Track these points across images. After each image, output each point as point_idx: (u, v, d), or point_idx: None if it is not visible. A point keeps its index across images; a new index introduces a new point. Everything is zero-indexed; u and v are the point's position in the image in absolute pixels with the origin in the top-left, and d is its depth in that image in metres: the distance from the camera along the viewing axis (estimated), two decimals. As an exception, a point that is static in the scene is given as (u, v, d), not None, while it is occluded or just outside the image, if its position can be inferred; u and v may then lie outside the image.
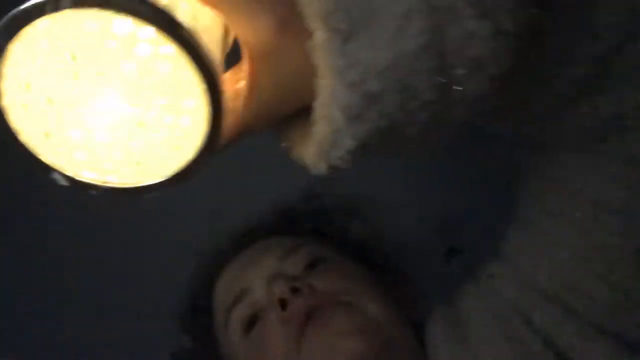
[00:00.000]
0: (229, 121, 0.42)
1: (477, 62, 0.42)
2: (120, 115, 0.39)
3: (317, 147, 0.44)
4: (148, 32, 0.36)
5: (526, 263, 0.64)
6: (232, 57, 0.46)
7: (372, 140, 0.43)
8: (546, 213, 0.63)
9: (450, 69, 0.42)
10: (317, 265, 0.83)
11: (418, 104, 0.42)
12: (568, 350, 0.61)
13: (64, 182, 0.41)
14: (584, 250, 0.60)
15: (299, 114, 0.47)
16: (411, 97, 0.42)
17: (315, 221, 0.93)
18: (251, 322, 0.80)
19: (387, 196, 1.00)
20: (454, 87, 0.42)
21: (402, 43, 0.40)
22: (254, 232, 0.91)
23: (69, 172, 0.41)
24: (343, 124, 0.42)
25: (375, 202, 0.94)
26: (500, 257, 0.69)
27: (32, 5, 0.36)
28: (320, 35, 0.40)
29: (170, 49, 0.37)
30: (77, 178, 0.41)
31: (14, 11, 0.36)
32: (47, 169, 0.41)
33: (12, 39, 0.37)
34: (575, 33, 0.49)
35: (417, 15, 0.40)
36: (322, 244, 0.88)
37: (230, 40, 0.46)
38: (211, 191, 1.04)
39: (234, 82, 0.45)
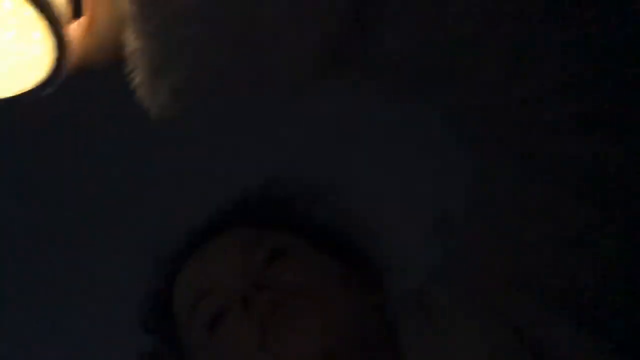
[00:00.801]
0: (72, 50, 0.48)
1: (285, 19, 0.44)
2: None
3: (142, 82, 0.46)
4: None
5: (484, 246, 0.64)
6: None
7: (193, 85, 0.45)
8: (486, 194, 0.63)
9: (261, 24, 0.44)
10: (280, 256, 0.82)
11: (229, 55, 0.45)
12: (533, 333, 0.61)
13: None
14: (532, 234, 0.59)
15: None
16: (219, 48, 0.44)
17: (276, 210, 0.92)
18: (215, 322, 0.79)
19: (361, 182, 0.99)
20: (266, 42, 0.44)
21: None
22: (214, 226, 0.89)
23: None
24: (148, 70, 0.45)
25: (338, 186, 0.94)
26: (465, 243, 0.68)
27: None
28: None
29: None
30: None
31: None
32: None
33: None
34: None
35: None
36: (285, 233, 0.87)
37: None
38: (167, 186, 1.04)
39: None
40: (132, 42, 0.45)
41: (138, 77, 0.46)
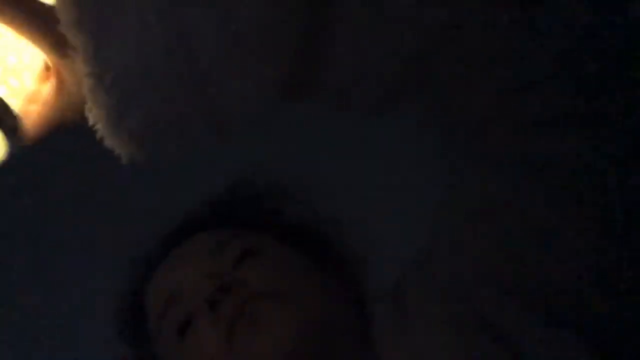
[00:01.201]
0: (33, 121, 0.51)
1: (228, 64, 0.46)
2: None
3: (105, 134, 0.48)
4: None
5: (460, 244, 0.63)
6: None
7: (151, 134, 0.48)
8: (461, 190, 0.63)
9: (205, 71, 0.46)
10: (247, 257, 0.81)
11: (180, 103, 0.47)
12: (507, 330, 0.60)
13: None
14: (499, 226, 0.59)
15: None
16: (169, 97, 0.46)
17: (246, 210, 0.91)
18: (183, 327, 0.78)
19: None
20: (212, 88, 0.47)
21: (146, 47, 0.45)
22: (184, 230, 0.88)
23: None
24: (108, 123, 0.47)
25: (308, 183, 0.93)
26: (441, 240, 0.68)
27: None
28: (78, 44, 0.45)
29: None
30: None
31: None
32: None
33: None
34: None
35: (155, 24, 0.44)
36: (256, 232, 0.86)
37: None
38: (136, 192, 1.03)
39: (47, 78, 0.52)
40: (89, 99, 0.47)
41: (100, 131, 0.48)
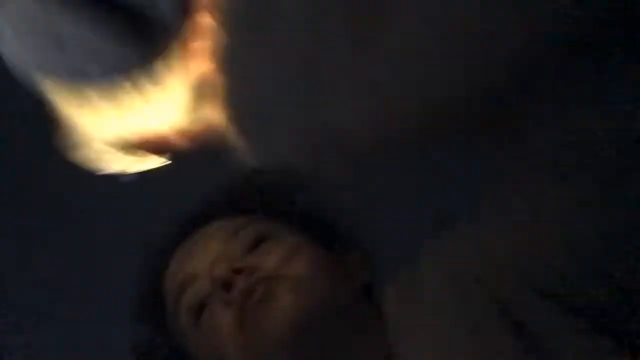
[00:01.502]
0: None
1: None
2: None
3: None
4: None
5: (479, 229, 0.64)
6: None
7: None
8: (497, 181, 0.64)
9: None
10: (261, 243, 0.84)
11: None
12: (523, 317, 0.61)
13: None
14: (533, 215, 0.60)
15: None
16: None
17: (260, 198, 0.93)
18: (199, 309, 0.81)
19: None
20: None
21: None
22: (200, 217, 0.91)
23: None
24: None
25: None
26: (457, 220, 0.69)
27: None
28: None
29: None
30: None
31: None
32: None
33: None
34: None
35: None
36: (269, 220, 0.89)
37: None
38: (155, 179, 1.04)
39: None
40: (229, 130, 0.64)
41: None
